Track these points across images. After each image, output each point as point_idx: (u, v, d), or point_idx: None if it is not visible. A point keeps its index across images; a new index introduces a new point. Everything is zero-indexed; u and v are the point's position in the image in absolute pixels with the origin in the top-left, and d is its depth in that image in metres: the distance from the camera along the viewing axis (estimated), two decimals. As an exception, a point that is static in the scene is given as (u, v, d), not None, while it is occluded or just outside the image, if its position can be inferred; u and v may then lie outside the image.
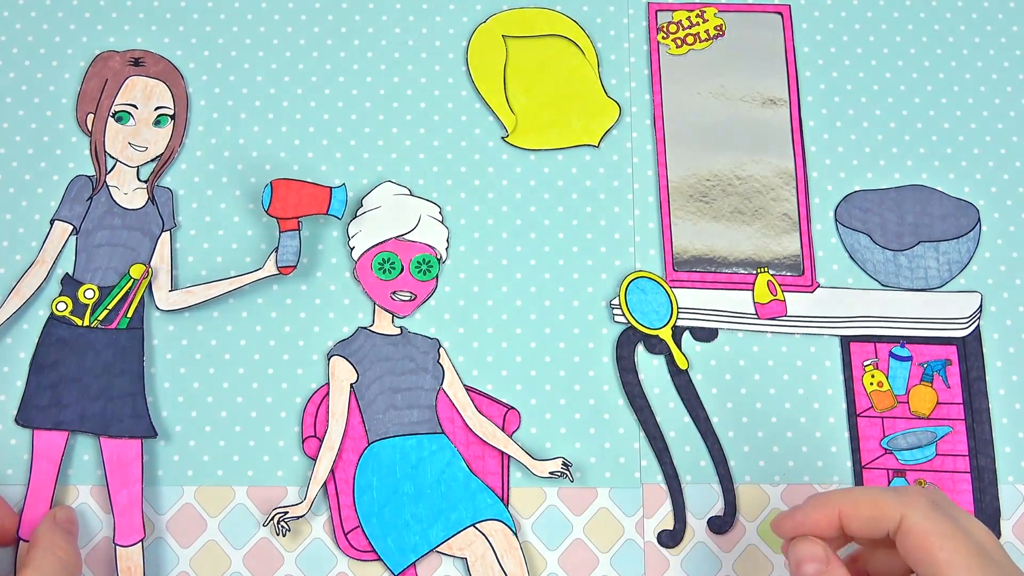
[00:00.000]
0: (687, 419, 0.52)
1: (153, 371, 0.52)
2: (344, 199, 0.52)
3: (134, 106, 0.55)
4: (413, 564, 0.49)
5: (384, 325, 0.53)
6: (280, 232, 0.53)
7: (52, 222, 0.54)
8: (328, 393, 0.52)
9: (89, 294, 0.52)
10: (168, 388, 0.52)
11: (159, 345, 0.52)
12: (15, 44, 0.57)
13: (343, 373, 0.52)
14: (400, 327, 0.53)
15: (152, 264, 0.53)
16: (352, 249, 0.54)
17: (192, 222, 0.54)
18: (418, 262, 0.53)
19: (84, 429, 0.51)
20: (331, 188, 0.53)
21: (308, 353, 0.53)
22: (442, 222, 0.55)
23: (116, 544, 0.49)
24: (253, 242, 0.54)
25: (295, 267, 0.52)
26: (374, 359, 0.52)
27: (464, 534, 0.50)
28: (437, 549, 0.49)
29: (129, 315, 0.52)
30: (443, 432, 0.51)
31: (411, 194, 0.55)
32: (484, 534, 0.50)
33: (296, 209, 0.52)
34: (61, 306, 0.52)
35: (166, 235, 0.54)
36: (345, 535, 0.50)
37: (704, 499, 0.51)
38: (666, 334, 0.53)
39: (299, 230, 0.53)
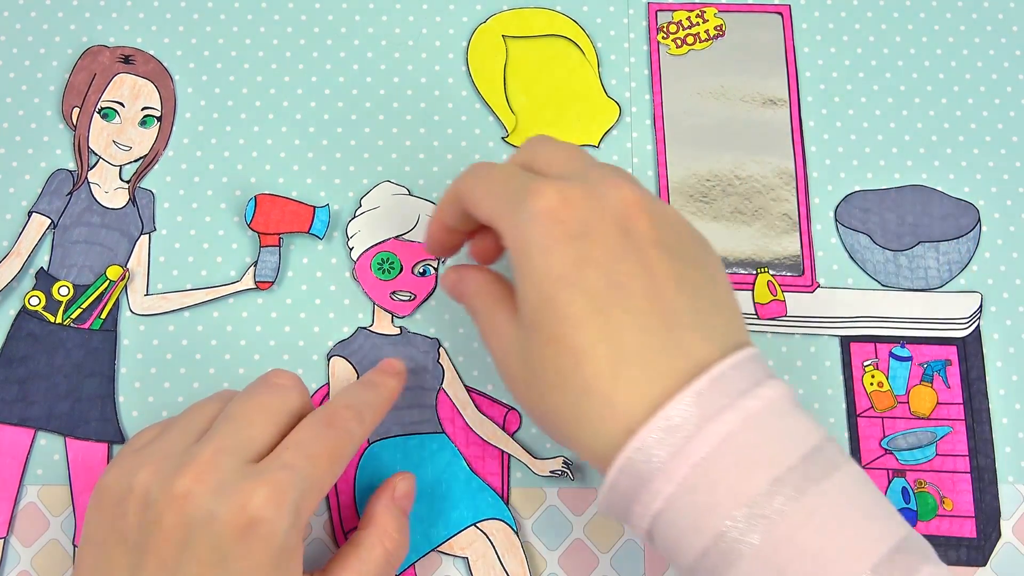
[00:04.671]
0: (687, 419, 0.52)
1: (153, 372, 0.52)
2: (327, 219, 0.53)
3: (121, 104, 0.55)
4: (413, 564, 0.49)
5: (384, 325, 0.53)
6: (260, 247, 0.53)
7: (30, 214, 0.53)
8: (328, 394, 0.52)
9: (63, 291, 0.52)
10: (168, 388, 0.52)
11: (158, 345, 0.52)
12: (13, 43, 0.57)
13: (343, 373, 0.52)
14: (400, 327, 0.53)
15: (129, 266, 0.53)
16: (351, 249, 0.54)
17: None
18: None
19: (50, 428, 0.50)
20: (315, 208, 0.53)
21: (308, 353, 0.52)
22: (442, 222, 0.55)
23: (76, 546, 0.48)
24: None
25: (273, 283, 0.52)
26: (374, 359, 0.52)
27: (465, 533, 0.50)
28: (438, 549, 0.49)
29: (103, 317, 0.52)
30: (443, 432, 0.51)
31: (410, 194, 0.55)
32: (485, 533, 0.50)
33: (278, 225, 0.52)
34: (34, 300, 0.52)
35: (144, 238, 0.54)
36: (345, 535, 0.50)
37: (704, 499, 0.51)
38: (666, 334, 0.53)
39: (279, 246, 0.53)
